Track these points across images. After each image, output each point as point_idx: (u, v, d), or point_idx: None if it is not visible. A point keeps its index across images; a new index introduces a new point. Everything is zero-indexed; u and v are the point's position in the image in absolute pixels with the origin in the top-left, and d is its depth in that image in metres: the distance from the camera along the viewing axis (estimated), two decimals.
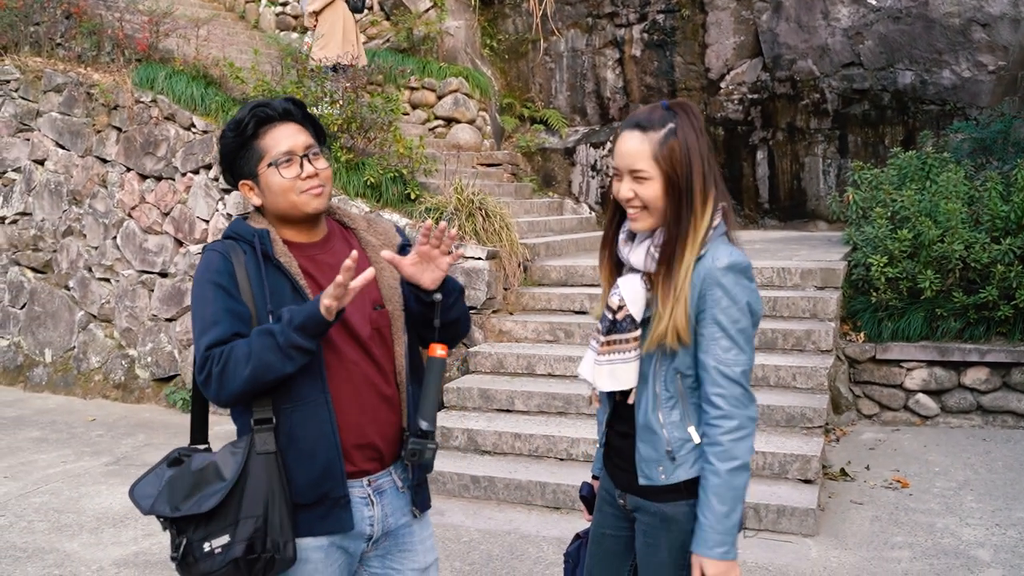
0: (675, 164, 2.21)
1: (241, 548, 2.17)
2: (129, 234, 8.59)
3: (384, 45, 11.31)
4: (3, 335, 9.31)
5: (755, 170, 9.99)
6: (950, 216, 6.67)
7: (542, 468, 5.65)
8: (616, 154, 2.30)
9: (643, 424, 2.32)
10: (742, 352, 2.22)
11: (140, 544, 4.99)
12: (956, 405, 6.68)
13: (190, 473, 2.25)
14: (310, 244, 2.41)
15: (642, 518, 2.38)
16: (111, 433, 7.32)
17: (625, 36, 10.55)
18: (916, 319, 6.79)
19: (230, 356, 2.18)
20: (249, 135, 2.34)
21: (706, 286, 2.21)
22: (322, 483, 2.28)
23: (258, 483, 2.20)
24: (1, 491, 5.92)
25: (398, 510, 2.44)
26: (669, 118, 2.24)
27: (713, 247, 2.24)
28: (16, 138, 9.24)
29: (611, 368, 2.32)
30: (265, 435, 2.24)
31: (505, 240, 7.37)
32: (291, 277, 2.31)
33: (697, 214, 2.23)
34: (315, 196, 2.34)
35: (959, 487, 5.49)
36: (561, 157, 10.83)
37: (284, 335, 2.15)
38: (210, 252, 2.33)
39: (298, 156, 2.33)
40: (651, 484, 2.31)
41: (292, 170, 2.32)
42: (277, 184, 2.32)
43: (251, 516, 2.18)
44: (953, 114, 9.00)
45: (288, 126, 2.36)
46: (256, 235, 2.33)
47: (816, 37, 9.49)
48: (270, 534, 2.19)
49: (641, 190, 2.24)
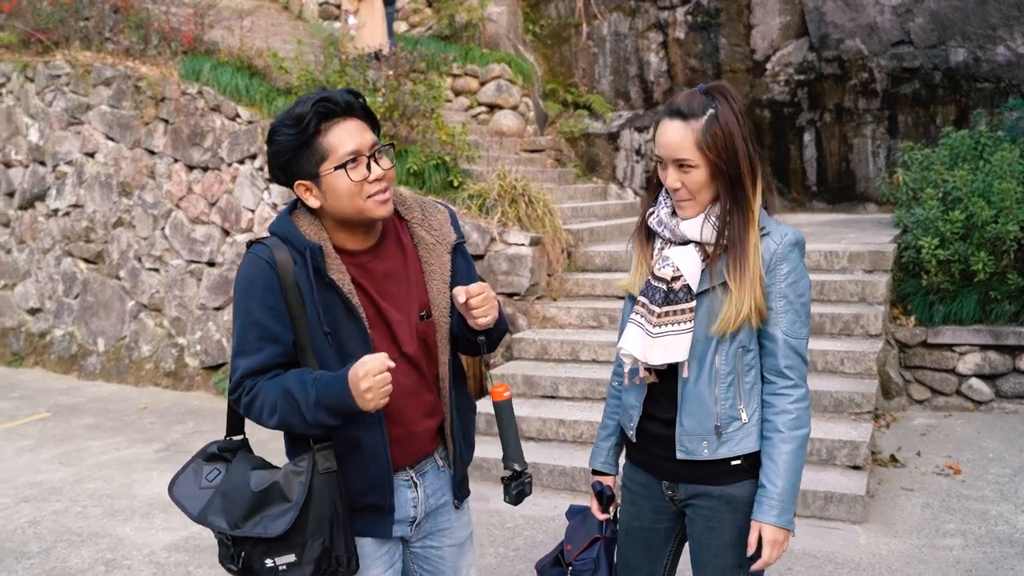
0: (720, 151, 2.21)
1: (310, 569, 2.15)
2: (177, 224, 8.71)
3: (427, 32, 11.31)
4: (58, 325, 9.51)
5: (802, 152, 9.83)
6: (1004, 196, 6.51)
7: (586, 454, 5.63)
8: (658, 144, 2.28)
9: (692, 397, 2.31)
10: (804, 325, 2.30)
11: (190, 529, 5.06)
12: (1011, 390, 6.53)
13: (250, 492, 2.18)
14: (363, 251, 2.29)
15: (703, 503, 2.36)
16: (162, 420, 7.45)
17: (669, 19, 10.43)
18: (969, 302, 6.64)
19: (258, 396, 2.17)
20: (312, 132, 2.15)
21: (775, 262, 2.25)
22: (369, 493, 2.28)
23: (322, 503, 2.16)
24: (56, 477, 6.05)
25: (439, 489, 2.45)
26: (709, 103, 2.22)
27: (774, 225, 2.29)
28: (67, 132, 9.41)
29: (663, 340, 2.30)
30: (326, 453, 2.20)
31: (548, 226, 7.34)
32: (344, 297, 2.21)
33: (749, 195, 2.25)
34: (381, 203, 2.20)
35: (1014, 473, 5.37)
36: (605, 142, 10.76)
37: (311, 412, 2.12)
38: (254, 259, 2.21)
39: (365, 156, 2.17)
40: (690, 459, 2.31)
41: (359, 172, 2.16)
42: (345, 188, 2.15)
43: (319, 537, 2.15)
44: (1008, 91, 8.77)
45: (351, 122, 2.18)
46: (308, 249, 2.18)
47: (864, 15, 9.29)
48: (335, 551, 2.18)
49: (687, 179, 2.24)
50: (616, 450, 2.62)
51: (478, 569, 2.63)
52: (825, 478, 5.02)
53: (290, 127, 2.15)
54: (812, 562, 4.37)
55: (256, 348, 2.18)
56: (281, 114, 2.19)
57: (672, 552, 2.52)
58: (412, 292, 2.34)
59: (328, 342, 2.19)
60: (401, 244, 2.36)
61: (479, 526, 4.94)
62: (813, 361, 5.98)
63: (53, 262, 9.58)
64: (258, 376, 2.19)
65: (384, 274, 2.30)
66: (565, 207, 8.36)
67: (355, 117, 2.20)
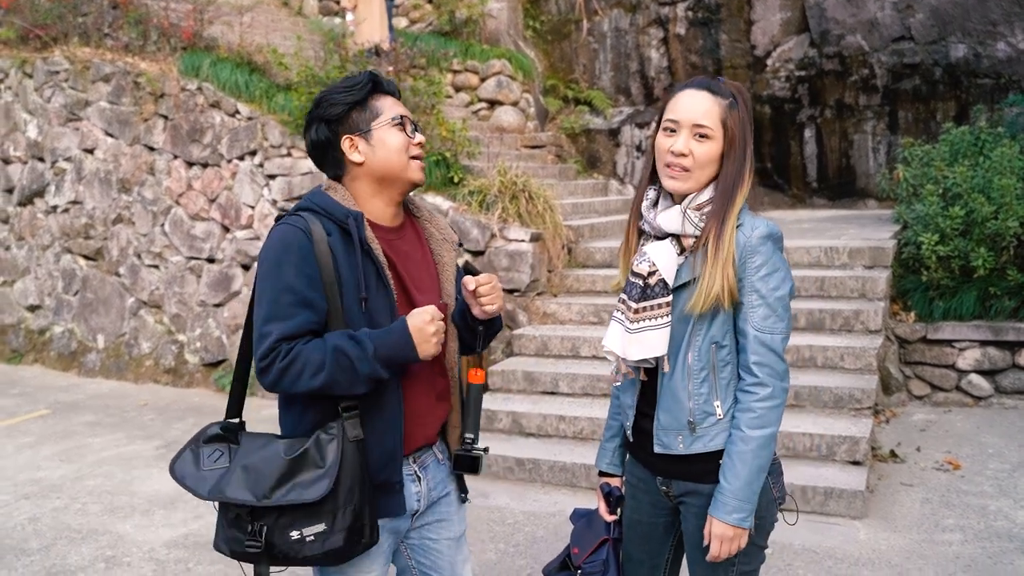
0: (736, 132, 2.26)
1: (342, 537, 2.15)
2: (177, 221, 8.71)
3: (427, 28, 11.30)
4: (58, 322, 9.51)
5: (803, 148, 9.82)
6: (1004, 192, 6.50)
7: (587, 450, 5.63)
8: (679, 108, 2.28)
9: (668, 392, 2.31)
10: (780, 320, 2.24)
11: (190, 526, 5.07)
12: (1011, 385, 6.53)
13: (279, 460, 2.17)
14: (390, 228, 2.39)
15: (694, 501, 2.36)
16: (162, 417, 7.45)
17: (669, 15, 10.41)
18: (968, 298, 6.64)
19: (298, 358, 2.14)
20: (366, 94, 2.34)
21: (746, 254, 2.22)
22: (383, 469, 2.28)
23: (352, 471, 2.17)
24: (57, 474, 6.05)
25: (440, 483, 2.49)
26: (730, 92, 2.30)
27: (748, 218, 2.28)
28: (66, 128, 9.40)
29: (641, 336, 2.30)
30: (353, 421, 2.21)
31: (549, 222, 7.34)
32: (378, 264, 2.26)
33: (745, 184, 2.28)
34: (420, 168, 2.38)
35: (1013, 469, 5.37)
36: (605, 138, 10.75)
37: (367, 364, 2.14)
38: (288, 228, 2.23)
39: (410, 121, 2.38)
40: (667, 453, 2.32)
41: (404, 135, 2.35)
42: (395, 141, 2.32)
43: (351, 505, 2.15)
44: (1008, 87, 8.75)
45: (393, 98, 2.40)
46: (351, 216, 2.25)
47: (865, 11, 9.28)
48: (363, 520, 2.18)
49: (699, 148, 2.25)
50: (621, 450, 2.61)
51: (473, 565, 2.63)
52: (825, 473, 5.02)
53: (346, 90, 2.33)
54: (812, 557, 4.38)
55: (291, 313, 2.17)
56: (331, 85, 2.42)
57: (673, 547, 2.52)
58: (431, 278, 2.45)
59: (362, 309, 2.22)
60: (417, 234, 2.48)
61: (479, 522, 4.95)
62: (813, 357, 5.98)
63: (52, 259, 9.57)
64: (294, 341, 2.17)
65: (408, 254, 2.39)
66: (566, 203, 8.36)
67: (394, 97, 2.41)
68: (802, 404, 5.65)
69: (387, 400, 2.27)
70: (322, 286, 2.20)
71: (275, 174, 8.10)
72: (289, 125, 7.96)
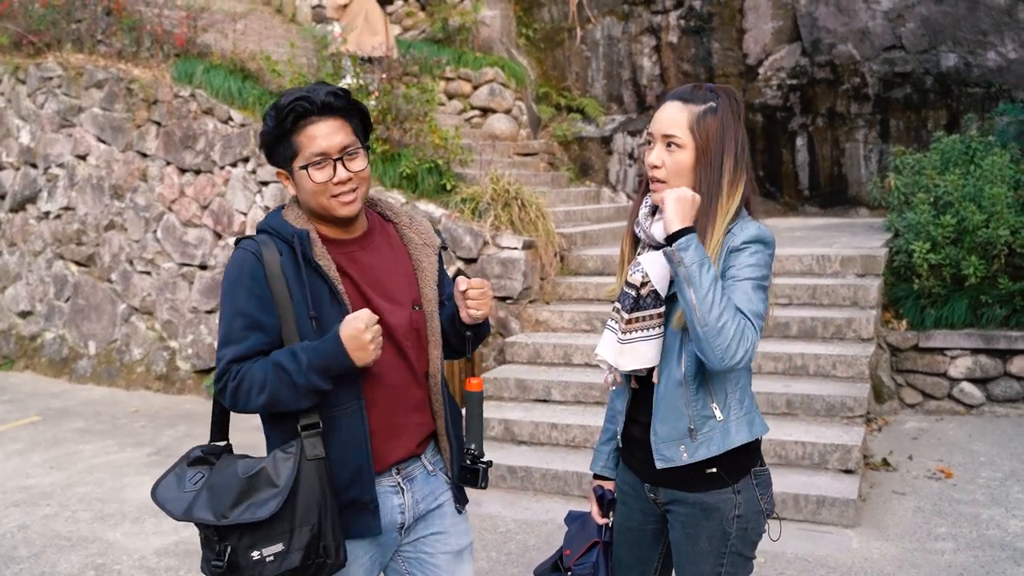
0: (709, 139, 2.23)
1: (298, 557, 2.13)
2: (169, 227, 8.69)
3: (420, 36, 11.30)
4: (49, 328, 9.48)
5: (795, 156, 9.85)
6: (995, 200, 6.53)
7: (579, 458, 5.63)
8: (653, 120, 2.30)
9: (663, 402, 2.29)
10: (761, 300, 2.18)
11: (180, 534, 5.05)
12: (1002, 394, 6.55)
13: (236, 479, 2.17)
14: (350, 240, 2.35)
15: (680, 510, 2.35)
16: (153, 424, 7.42)
17: (662, 23, 10.44)
18: (960, 306, 6.66)
19: (245, 377, 2.18)
20: (287, 128, 2.24)
21: (730, 258, 2.21)
22: (351, 487, 2.27)
23: (311, 489, 2.16)
24: (47, 481, 6.02)
25: (429, 495, 2.44)
26: (711, 98, 2.27)
27: (740, 224, 2.25)
28: (59, 134, 9.38)
29: (633, 347, 2.29)
30: (314, 440, 2.20)
31: (541, 230, 7.34)
32: (329, 281, 2.26)
33: (724, 194, 2.23)
34: (345, 204, 2.26)
35: (1005, 477, 5.38)
36: (598, 146, 10.77)
37: (303, 376, 2.14)
38: (242, 252, 2.26)
39: (331, 159, 2.23)
40: (671, 466, 2.29)
41: (324, 173, 2.23)
42: (308, 187, 2.24)
43: (307, 524, 2.14)
44: (998, 96, 8.79)
45: (327, 122, 2.23)
46: (296, 235, 2.25)
47: (856, 20, 9.32)
48: (323, 540, 2.16)
49: (671, 159, 2.25)
50: (615, 454, 2.61)
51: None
52: (817, 482, 5.03)
53: (272, 118, 2.26)
54: (804, 566, 4.38)
55: (242, 336, 2.21)
56: (272, 102, 2.30)
57: (662, 554, 2.52)
58: (404, 285, 2.40)
59: (313, 327, 2.22)
60: (390, 241, 2.44)
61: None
62: (805, 365, 5.99)
63: (44, 265, 9.54)
64: (244, 362, 2.21)
65: (373, 265, 2.36)
66: (558, 211, 8.36)
67: (334, 117, 2.25)
68: (794, 412, 5.66)
69: (349, 417, 2.25)
70: (274, 307, 2.21)
71: (268, 181, 8.09)
72: None
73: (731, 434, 2.28)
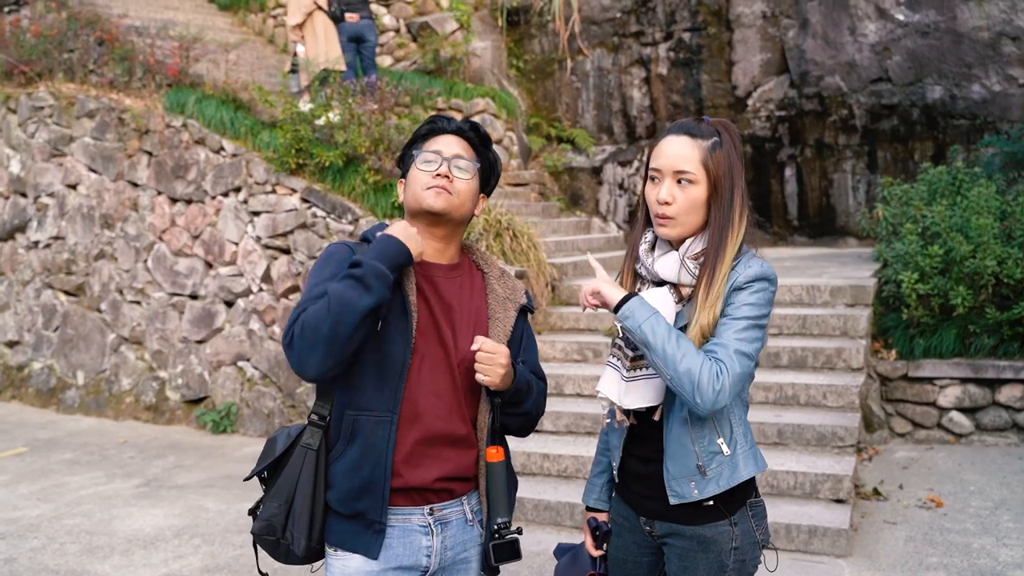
0: (720, 174, 2.23)
1: (258, 525, 2.29)
2: (160, 257, 8.68)
3: (411, 67, 11.38)
4: (37, 358, 9.43)
5: (783, 187, 9.93)
6: (982, 231, 6.59)
7: (571, 489, 5.62)
8: (660, 155, 2.27)
9: (673, 440, 2.28)
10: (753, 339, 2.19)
11: (170, 566, 5.00)
12: (991, 423, 6.58)
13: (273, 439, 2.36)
14: (435, 265, 2.38)
15: (676, 543, 2.34)
16: (142, 455, 7.37)
17: (651, 55, 10.55)
18: (948, 336, 6.70)
19: (307, 309, 2.15)
20: (418, 136, 2.43)
21: (732, 295, 2.21)
22: (359, 498, 2.23)
23: (292, 471, 2.27)
24: (34, 513, 5.97)
25: (460, 543, 2.37)
26: (714, 132, 2.27)
27: (745, 259, 2.25)
28: (50, 163, 9.39)
29: (638, 384, 2.29)
30: (314, 430, 2.28)
31: (533, 260, 7.36)
32: (404, 292, 2.28)
33: (735, 227, 2.24)
34: (435, 193, 2.32)
35: (995, 506, 5.39)
36: (588, 176, 10.83)
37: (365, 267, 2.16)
38: (339, 245, 2.37)
39: (442, 158, 2.35)
40: (683, 502, 2.27)
41: (431, 165, 2.35)
42: (413, 175, 2.38)
43: (275, 499, 2.27)
44: (984, 128, 8.91)
45: (451, 136, 2.41)
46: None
47: (843, 53, 9.44)
48: (289, 524, 2.25)
49: (683, 194, 2.24)
50: (609, 486, 2.60)
51: None
52: (809, 511, 5.03)
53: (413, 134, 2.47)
54: None
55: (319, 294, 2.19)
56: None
57: None
58: (473, 325, 2.39)
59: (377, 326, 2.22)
60: (473, 285, 2.45)
61: None
62: (796, 395, 6.01)
63: (33, 294, 9.51)
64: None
65: (450, 296, 2.38)
66: (549, 241, 8.39)
67: (458, 136, 2.42)
68: (785, 442, 5.67)
69: (377, 426, 2.23)
70: None
71: (259, 211, 8.10)
72: (274, 162, 7.96)
73: (739, 468, 2.28)
